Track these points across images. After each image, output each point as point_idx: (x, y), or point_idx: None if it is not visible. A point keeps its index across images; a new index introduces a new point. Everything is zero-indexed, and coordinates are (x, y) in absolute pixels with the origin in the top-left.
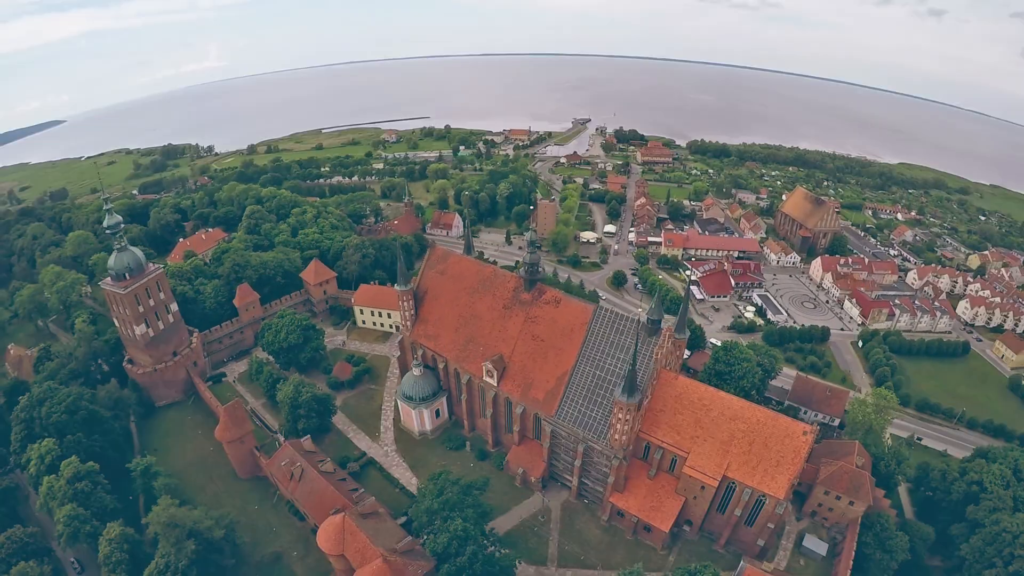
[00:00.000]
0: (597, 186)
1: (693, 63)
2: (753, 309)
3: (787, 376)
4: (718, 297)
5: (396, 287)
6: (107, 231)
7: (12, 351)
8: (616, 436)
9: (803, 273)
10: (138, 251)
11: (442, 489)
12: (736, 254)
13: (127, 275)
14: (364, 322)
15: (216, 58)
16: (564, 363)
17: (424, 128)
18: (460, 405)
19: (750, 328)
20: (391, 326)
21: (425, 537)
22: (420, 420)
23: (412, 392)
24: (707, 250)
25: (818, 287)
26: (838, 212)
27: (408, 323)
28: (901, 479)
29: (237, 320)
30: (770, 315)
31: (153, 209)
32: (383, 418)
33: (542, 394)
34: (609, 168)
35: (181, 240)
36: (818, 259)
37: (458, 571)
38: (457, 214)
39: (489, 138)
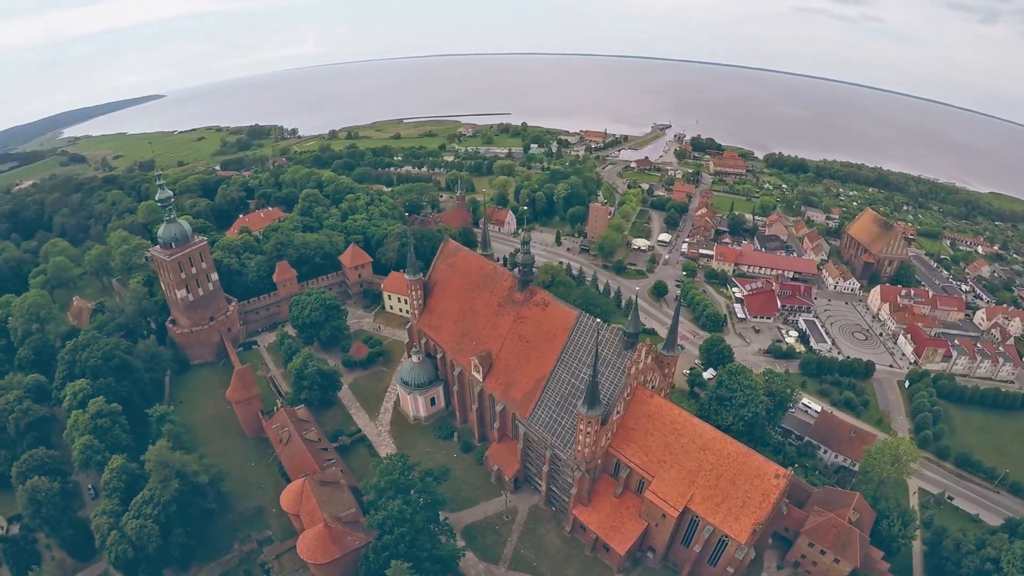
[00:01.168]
0: (661, 193)
1: (787, 74)
2: (796, 335)
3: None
4: (761, 318)
5: (405, 275)
6: (158, 203)
7: (75, 303)
8: (579, 448)
9: (860, 301)
10: (185, 224)
11: (392, 470)
12: (790, 275)
13: (173, 244)
14: (392, 307)
15: (314, 44)
16: (544, 367)
17: (501, 124)
18: (454, 396)
19: (788, 354)
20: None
21: (370, 513)
22: (415, 405)
23: (409, 378)
24: (760, 267)
25: (874, 318)
26: (911, 239)
27: (416, 311)
28: (906, 542)
29: (275, 294)
30: (813, 342)
31: (221, 186)
32: (386, 400)
33: (520, 395)
34: (678, 176)
35: (241, 216)
36: (877, 288)
37: (383, 548)
38: (510, 211)
39: (563, 138)
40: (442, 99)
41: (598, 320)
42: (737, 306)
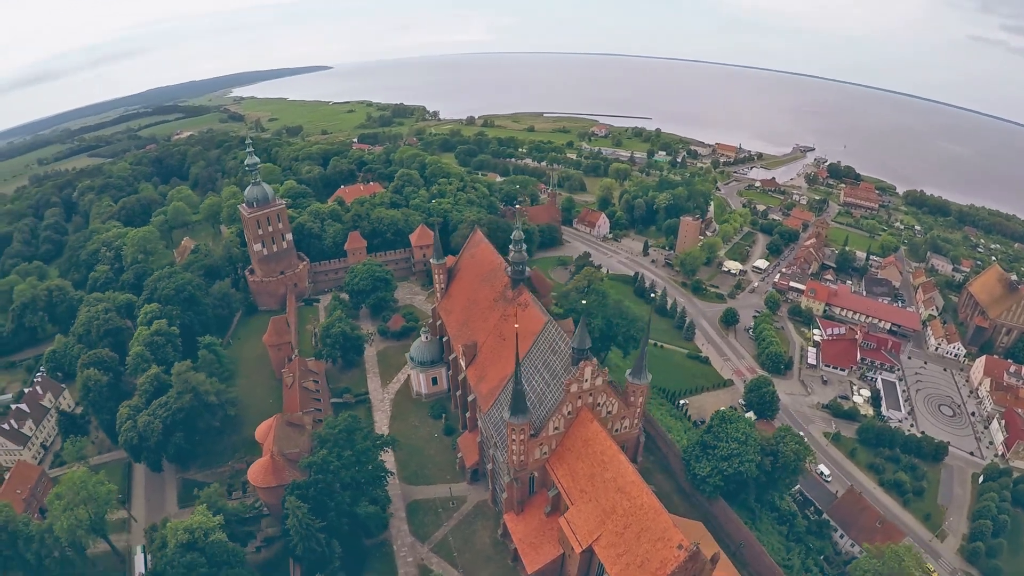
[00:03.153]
0: (776, 217)
1: (952, 107)
2: (867, 395)
3: (856, 481)
4: (835, 368)
5: (431, 260)
6: (246, 168)
7: (184, 243)
8: (510, 455)
9: (961, 371)
10: (267, 187)
11: (335, 425)
12: (887, 326)
13: (255, 204)
14: None
15: (482, 32)
16: (509, 367)
17: (635, 128)
18: (452, 380)
19: (849, 415)
20: None
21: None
22: (418, 382)
23: (415, 355)
24: (854, 312)
25: (971, 393)
26: None
27: (439, 294)
28: None
29: (343, 260)
30: (885, 408)
31: (334, 158)
32: (401, 372)
33: (486, 390)
34: (802, 201)
35: (342, 187)
36: (983, 358)
37: (298, 486)
38: (603, 214)
39: (694, 148)
40: (588, 96)
41: (560, 330)
42: (811, 350)
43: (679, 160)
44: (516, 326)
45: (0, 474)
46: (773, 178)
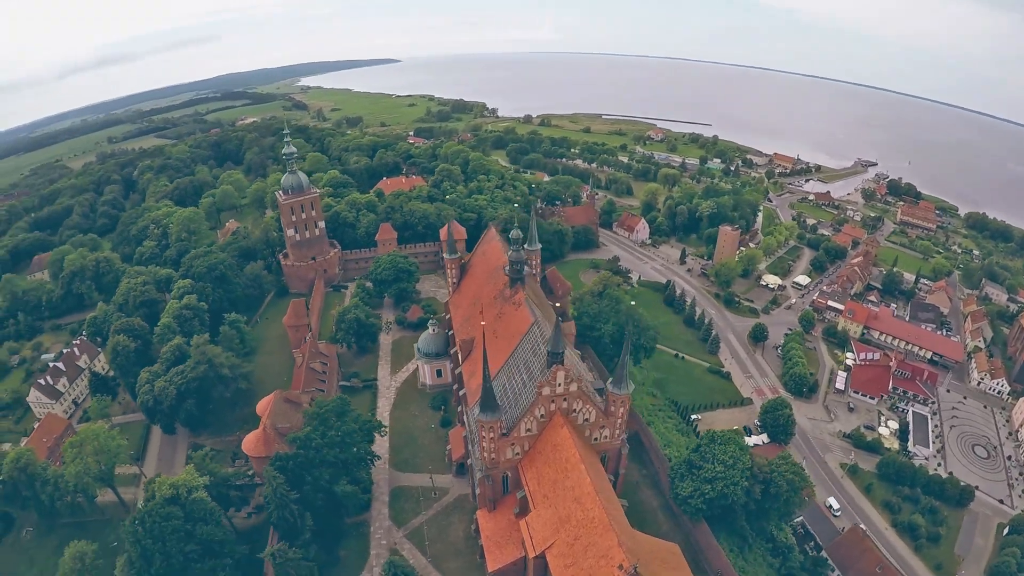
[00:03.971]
0: (826, 232)
1: None
2: (895, 427)
3: (867, 518)
4: (864, 396)
5: (444, 255)
6: (284, 157)
7: (228, 224)
8: (482, 452)
9: (1003, 410)
10: (303, 175)
11: (323, 404)
12: (927, 355)
13: (290, 191)
14: None
15: (549, 30)
16: (496, 364)
17: (692, 134)
18: (453, 373)
19: (872, 447)
20: None
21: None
22: (424, 373)
23: (422, 346)
24: (893, 337)
25: (1010, 435)
26: None
27: (451, 288)
28: None
29: (374, 250)
30: (912, 443)
31: (380, 150)
32: (412, 362)
33: (475, 385)
34: (856, 218)
35: (385, 179)
36: None
37: (281, 458)
38: (643, 219)
39: (750, 157)
40: (649, 100)
41: (544, 334)
42: (841, 375)
43: (733, 168)
44: (482, 324)
45: (32, 424)
46: (828, 192)
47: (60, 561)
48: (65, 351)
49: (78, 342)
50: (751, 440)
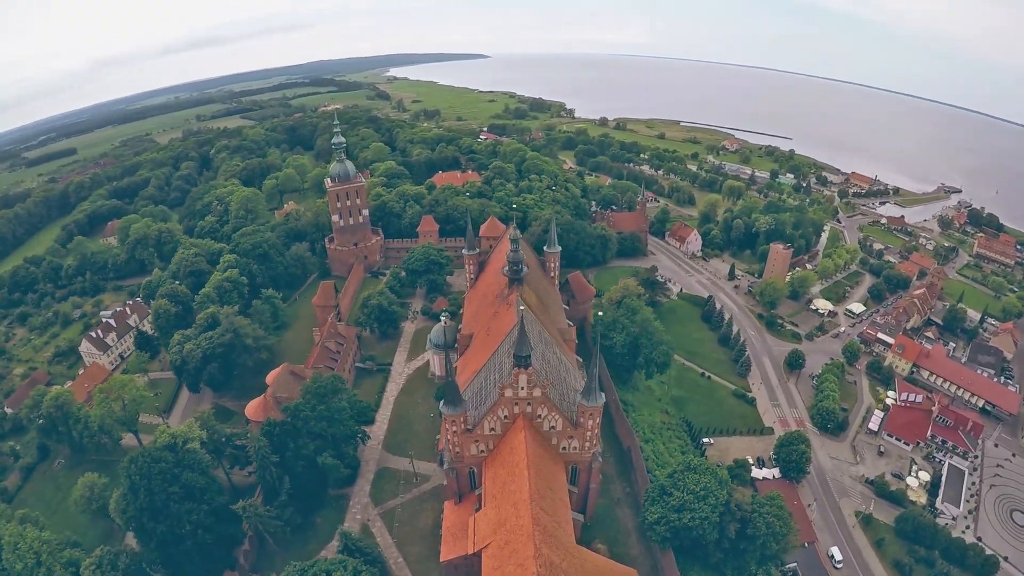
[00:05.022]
0: (892, 259)
1: None
2: (925, 479)
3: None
4: (898, 440)
5: (464, 251)
6: (333, 147)
7: (287, 206)
8: (448, 445)
9: None
10: (350, 164)
11: (318, 380)
12: (980, 403)
13: (337, 179)
14: None
15: (639, 33)
16: (481, 362)
17: (769, 146)
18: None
19: (895, 497)
20: None
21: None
22: (434, 363)
23: (433, 337)
24: (943, 380)
25: None
26: None
27: (468, 284)
28: None
29: (415, 241)
30: (941, 502)
31: (440, 144)
32: (427, 352)
33: (464, 380)
34: (928, 247)
35: (439, 173)
36: None
37: (272, 423)
38: (695, 230)
39: (825, 174)
40: (729, 109)
41: (524, 336)
42: (878, 414)
43: (805, 184)
44: (443, 318)
45: (80, 371)
46: (903, 216)
47: (73, 488)
48: (118, 309)
49: (131, 303)
50: (761, 473)
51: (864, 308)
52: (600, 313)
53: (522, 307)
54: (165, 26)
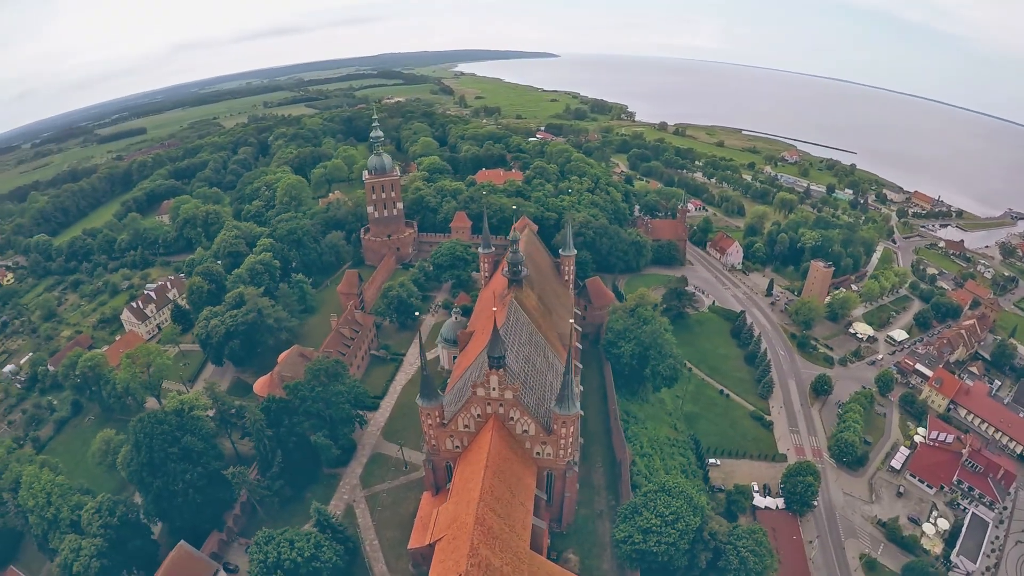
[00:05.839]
0: (945, 285)
1: None
2: (944, 527)
3: None
4: (921, 482)
5: (480, 249)
6: (371, 140)
7: (332, 195)
8: (426, 437)
9: None
10: (387, 158)
11: (320, 362)
12: (1019, 449)
13: (374, 171)
14: None
15: (710, 38)
16: (472, 357)
17: (828, 160)
18: None
19: (907, 544)
20: None
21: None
22: (443, 357)
23: (443, 331)
24: (981, 421)
25: None
26: None
27: (483, 281)
28: None
29: (447, 235)
30: (956, 554)
31: (487, 142)
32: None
33: (459, 372)
34: (986, 275)
35: (483, 170)
36: None
37: (272, 400)
38: (736, 242)
39: (885, 192)
40: (794, 119)
41: (509, 334)
42: (903, 452)
43: (862, 201)
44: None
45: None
46: (962, 241)
47: (92, 441)
48: (160, 283)
49: (172, 278)
50: (763, 501)
51: (907, 336)
52: (608, 317)
53: (495, 308)
54: (245, 13)
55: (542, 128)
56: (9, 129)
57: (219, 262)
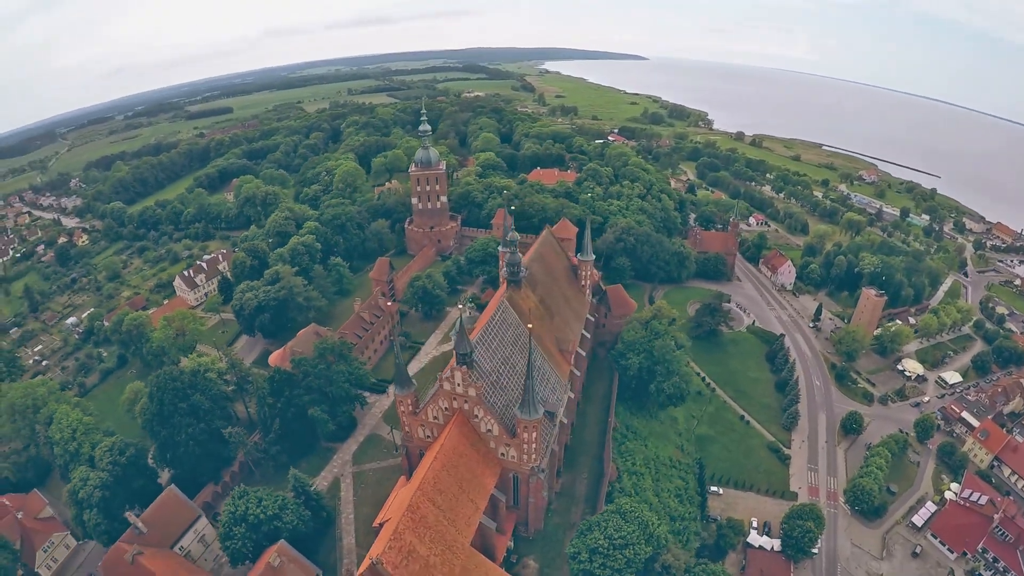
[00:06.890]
0: (1012, 327)
1: None
2: None
3: None
4: (942, 544)
5: (500, 247)
6: (419, 134)
7: (388, 185)
8: (402, 424)
9: None
10: (433, 152)
11: (326, 341)
12: None
13: (420, 164)
14: None
15: (803, 49)
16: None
17: (908, 182)
18: None
19: None
20: None
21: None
22: None
23: (457, 324)
24: None
25: None
26: None
27: (501, 279)
28: None
29: (488, 231)
30: None
31: (547, 141)
32: None
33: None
34: None
35: (537, 169)
36: None
37: (279, 372)
38: (789, 261)
39: (964, 220)
40: (881, 138)
41: (494, 330)
42: (930, 507)
43: (937, 228)
44: (388, 303)
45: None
46: None
47: (123, 390)
48: (213, 255)
49: (226, 251)
50: (759, 539)
51: (961, 379)
52: (458, 308)
53: (460, 307)
54: (336, 2)
55: (615, 131)
56: (105, 101)
57: (270, 240)
